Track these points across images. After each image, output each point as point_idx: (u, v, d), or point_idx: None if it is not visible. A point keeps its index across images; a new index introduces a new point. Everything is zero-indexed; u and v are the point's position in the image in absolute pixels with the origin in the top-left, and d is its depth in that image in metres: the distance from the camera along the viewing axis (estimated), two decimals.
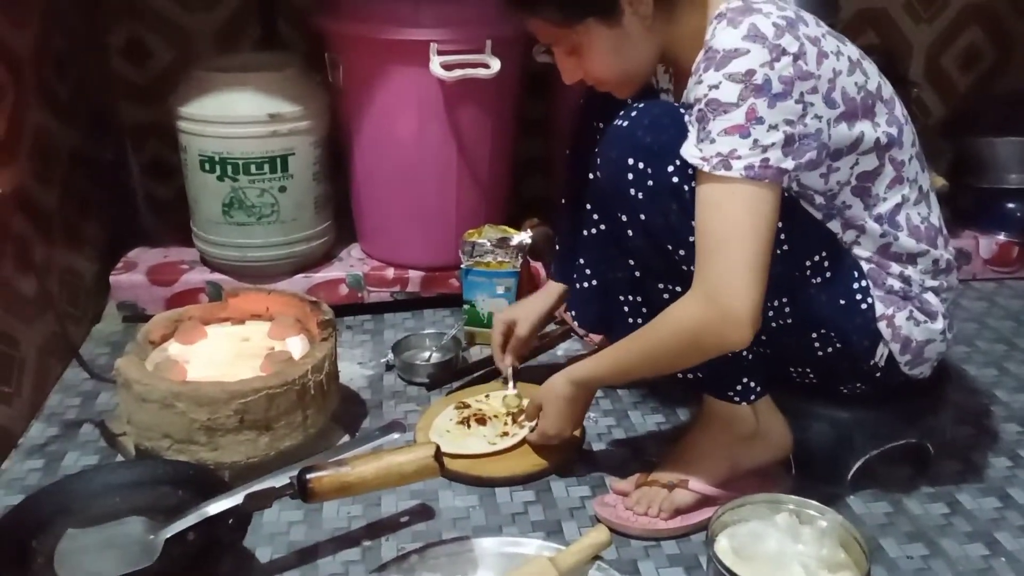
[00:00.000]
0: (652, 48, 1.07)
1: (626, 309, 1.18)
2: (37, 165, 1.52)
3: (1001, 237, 1.91)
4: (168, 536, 1.01)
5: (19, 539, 1.01)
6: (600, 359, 1.14)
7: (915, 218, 1.10)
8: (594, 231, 1.22)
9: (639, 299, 1.16)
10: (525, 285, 1.63)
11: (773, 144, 0.95)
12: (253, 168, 1.61)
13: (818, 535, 1.03)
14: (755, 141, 0.94)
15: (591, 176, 1.14)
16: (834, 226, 1.08)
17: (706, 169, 0.96)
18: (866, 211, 1.08)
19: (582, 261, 1.27)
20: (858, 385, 1.17)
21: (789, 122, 0.95)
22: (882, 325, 1.10)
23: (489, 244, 1.61)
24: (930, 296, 1.12)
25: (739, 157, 0.94)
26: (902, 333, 1.10)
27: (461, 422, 1.25)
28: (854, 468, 1.21)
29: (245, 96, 1.59)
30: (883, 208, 1.08)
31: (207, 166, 1.62)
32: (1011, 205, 1.92)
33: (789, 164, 0.96)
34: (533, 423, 1.26)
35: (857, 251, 1.09)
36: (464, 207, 1.71)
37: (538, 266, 1.72)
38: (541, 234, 1.69)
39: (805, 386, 1.20)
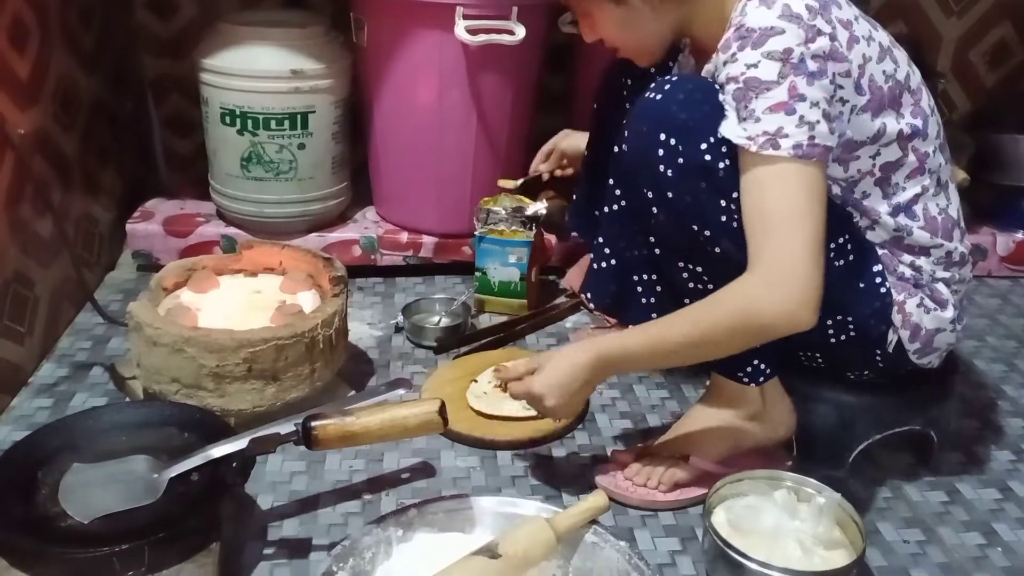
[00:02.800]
0: (664, 24, 1.06)
1: (640, 289, 1.17)
2: (59, 111, 1.53)
3: (1019, 235, 1.90)
4: (172, 475, 1.02)
5: (25, 470, 1.02)
6: (634, 337, 1.04)
7: (932, 209, 1.10)
8: (615, 207, 1.18)
9: (654, 278, 1.16)
10: (537, 256, 1.63)
11: (817, 121, 0.94)
12: (273, 123, 1.62)
13: (815, 512, 1.04)
14: (801, 118, 0.93)
15: (616, 150, 1.11)
16: (851, 212, 1.07)
17: (753, 149, 0.94)
18: (884, 200, 1.07)
19: (600, 240, 1.23)
20: (865, 372, 1.17)
21: (827, 100, 0.95)
22: (893, 311, 1.09)
23: (504, 213, 1.61)
24: (940, 286, 1.12)
25: (787, 135, 0.93)
26: (912, 320, 1.10)
27: (499, 386, 1.18)
28: (856, 452, 1.21)
29: (269, 51, 1.59)
30: (902, 198, 1.07)
31: (228, 119, 1.63)
32: None
33: (832, 142, 0.96)
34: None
35: (871, 236, 1.09)
36: (481, 175, 1.71)
37: (551, 238, 1.72)
38: (556, 207, 1.69)
39: (811, 369, 1.19)
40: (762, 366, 1.12)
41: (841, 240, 1.06)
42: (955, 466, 1.26)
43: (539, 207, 1.62)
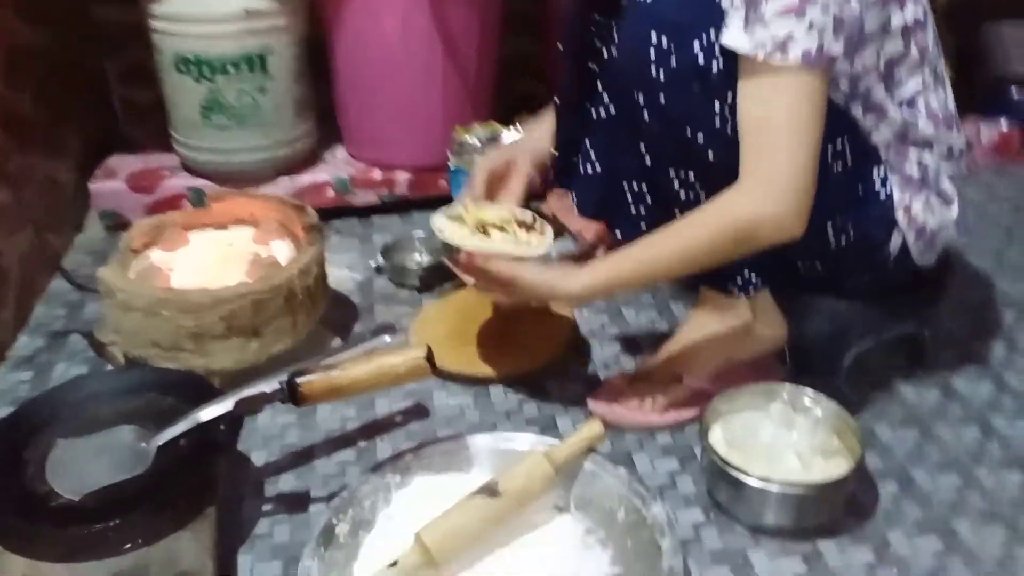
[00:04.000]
0: None
1: (629, 198, 1.13)
2: (7, 70, 1.46)
3: (1003, 125, 1.87)
4: (160, 443, 1.00)
5: (10, 449, 1.00)
6: (622, 261, 1.00)
7: (933, 103, 1.07)
8: (603, 115, 1.12)
9: (644, 187, 1.12)
10: None
11: (825, 27, 0.90)
12: (230, 68, 1.55)
13: (812, 423, 1.03)
14: (810, 24, 0.89)
15: (605, 53, 1.06)
16: (855, 111, 1.03)
17: (760, 57, 0.90)
18: (888, 95, 1.03)
19: (588, 143, 1.18)
20: (865, 278, 1.15)
21: (838, 4, 0.91)
22: (899, 214, 1.07)
23: (478, 142, 1.56)
24: (946, 182, 1.09)
25: (795, 41, 0.89)
26: (918, 221, 1.08)
27: (478, 229, 1.08)
28: (850, 359, 1.20)
29: None
30: (904, 93, 1.04)
31: (183, 67, 1.56)
32: (1014, 92, 1.87)
33: (838, 50, 0.92)
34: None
35: (875, 137, 1.05)
36: (451, 106, 1.65)
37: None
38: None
39: (808, 281, 1.17)
40: (752, 276, 1.10)
41: (840, 143, 1.03)
42: (949, 363, 1.25)
43: (515, 134, 1.57)
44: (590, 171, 1.18)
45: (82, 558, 0.89)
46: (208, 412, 1.00)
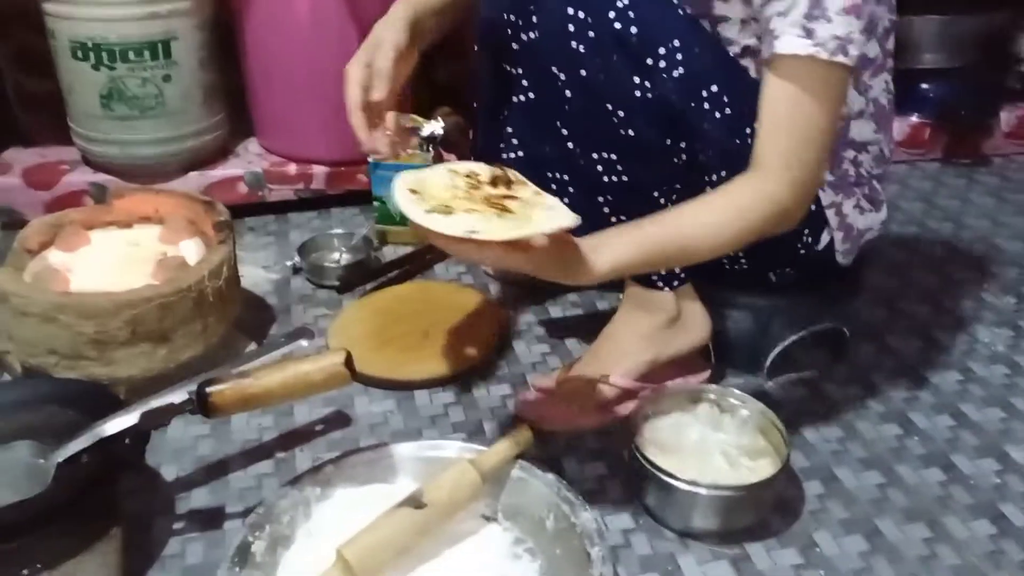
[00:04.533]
0: None
1: (553, 187, 1.11)
2: None
3: (914, 119, 1.92)
4: (60, 460, 0.93)
5: None
6: (644, 243, 0.89)
7: (883, 99, 1.08)
8: (523, 98, 1.09)
9: (567, 177, 1.10)
10: None
11: (865, 29, 0.89)
12: (132, 55, 1.47)
13: (739, 423, 1.03)
14: (864, 25, 0.88)
15: (523, 37, 1.03)
16: None
17: (823, 57, 0.87)
18: (855, 97, 1.04)
19: (509, 130, 1.14)
20: (788, 270, 1.15)
21: (872, 6, 0.91)
22: (831, 212, 1.08)
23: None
24: (876, 184, 1.11)
25: (852, 42, 0.87)
26: (847, 221, 1.09)
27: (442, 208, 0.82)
28: (772, 355, 1.21)
29: None
30: (869, 95, 1.05)
31: (80, 54, 1.47)
32: (925, 86, 1.91)
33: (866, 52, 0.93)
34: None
35: None
36: None
37: (451, 158, 1.64)
38: (453, 124, 1.60)
39: (730, 273, 1.17)
40: (677, 270, 1.09)
41: None
42: (869, 358, 1.27)
43: (435, 126, 1.53)
44: (512, 157, 1.15)
45: None
46: (112, 425, 0.94)
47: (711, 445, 1.02)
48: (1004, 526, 0.99)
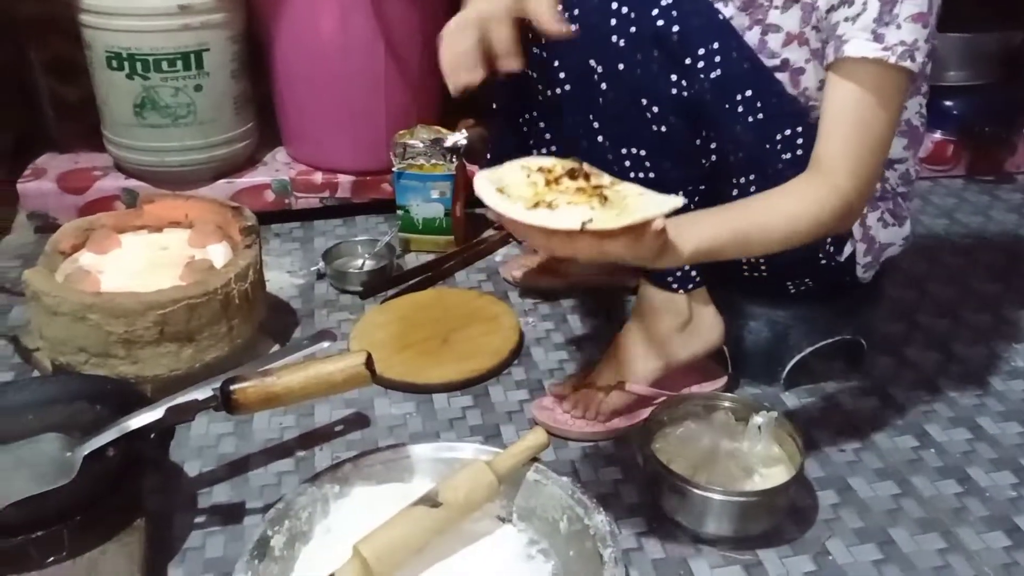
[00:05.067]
0: None
1: None
2: None
3: (937, 135, 1.91)
4: (86, 453, 0.95)
5: None
6: (721, 230, 0.88)
7: (916, 120, 1.09)
8: (559, 91, 1.08)
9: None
10: (461, 188, 1.58)
11: (928, 39, 0.91)
12: (165, 65, 1.51)
13: (753, 432, 1.04)
14: (927, 35, 0.90)
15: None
16: None
17: (891, 61, 0.89)
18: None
19: (542, 125, 1.16)
20: (807, 281, 1.16)
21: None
22: (855, 224, 1.09)
23: (422, 145, 1.54)
24: (901, 200, 1.12)
25: (918, 49, 0.90)
26: (870, 233, 1.10)
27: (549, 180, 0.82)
28: (790, 365, 1.21)
29: None
30: (904, 114, 1.06)
31: (115, 63, 1.51)
32: (948, 103, 1.91)
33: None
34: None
35: None
36: (394, 106, 1.63)
37: (474, 168, 1.67)
38: (476, 135, 1.63)
39: (748, 283, 1.18)
40: (692, 272, 1.11)
41: (793, 131, 1.03)
42: (886, 370, 1.27)
43: (458, 137, 1.56)
44: (544, 152, 1.15)
45: (3, 572, 0.85)
46: (138, 420, 0.97)
47: (725, 452, 1.03)
48: (1019, 538, 0.99)
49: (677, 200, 0.79)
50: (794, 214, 0.92)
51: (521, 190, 0.80)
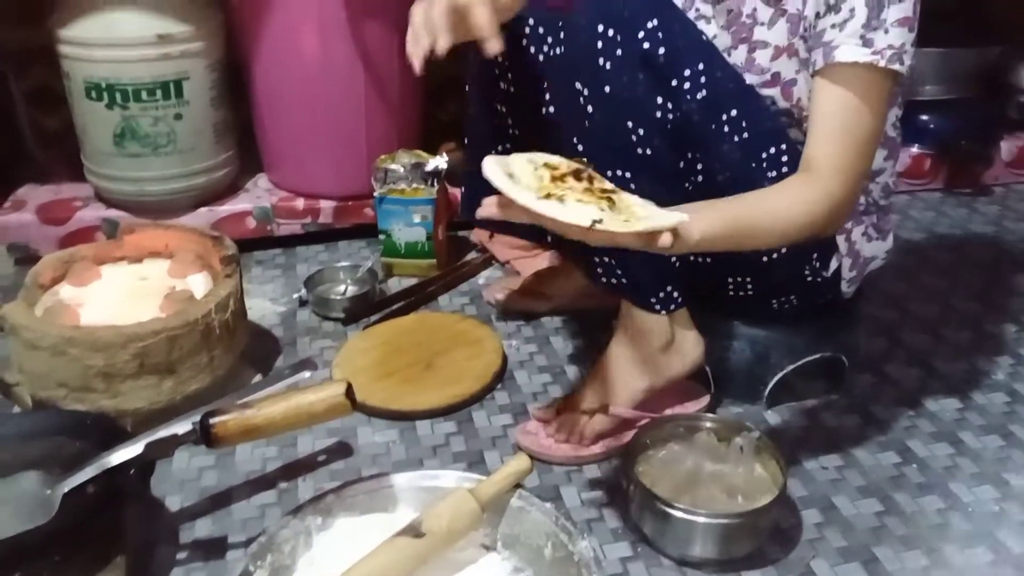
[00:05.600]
0: None
1: None
2: None
3: (915, 149, 1.93)
4: (66, 490, 0.95)
5: None
6: (726, 218, 0.90)
7: (891, 132, 1.11)
8: (543, 112, 1.08)
9: None
10: (442, 212, 1.58)
11: (913, 43, 0.94)
12: (144, 95, 1.51)
13: (736, 452, 1.04)
14: (913, 39, 0.93)
15: (549, 52, 1.03)
16: None
17: (881, 64, 0.92)
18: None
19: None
20: (792, 298, 1.17)
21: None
22: (840, 239, 1.10)
23: (403, 170, 1.54)
24: (884, 214, 1.13)
25: (906, 52, 0.93)
26: (855, 248, 1.11)
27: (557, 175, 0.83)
28: (771, 384, 1.22)
29: (130, 16, 1.48)
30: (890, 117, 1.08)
31: (94, 94, 1.51)
32: (924, 117, 1.93)
33: None
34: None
35: None
36: (375, 131, 1.63)
37: (456, 192, 1.67)
38: (457, 159, 1.63)
39: (733, 301, 1.18)
40: (674, 294, 1.11)
41: (778, 150, 1.04)
42: (867, 388, 1.28)
43: (439, 161, 1.57)
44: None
45: None
46: (117, 456, 0.96)
47: (708, 474, 1.03)
48: (1003, 553, 0.99)
49: (683, 216, 0.81)
50: (789, 212, 0.95)
51: (529, 180, 0.82)
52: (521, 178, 0.82)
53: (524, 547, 0.97)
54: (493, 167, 0.81)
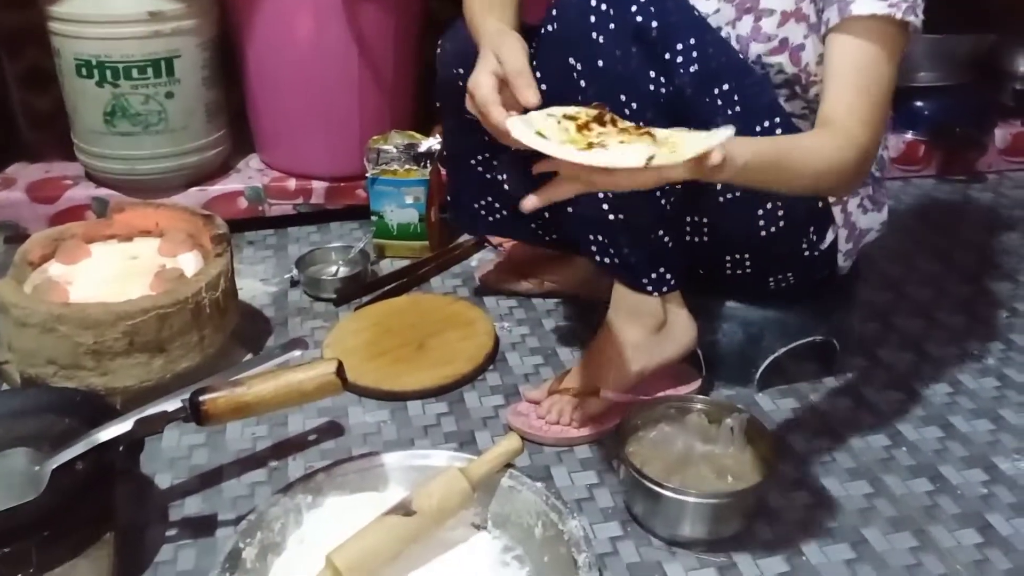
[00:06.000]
0: None
1: None
2: None
3: (909, 135, 1.93)
4: (55, 466, 0.94)
5: None
6: (761, 151, 0.87)
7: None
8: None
9: None
10: (435, 194, 1.58)
11: None
12: (135, 72, 1.49)
13: (727, 434, 1.04)
14: None
15: (542, 30, 1.03)
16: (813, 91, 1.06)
17: (898, 16, 0.93)
18: None
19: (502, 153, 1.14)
20: (788, 275, 1.17)
21: None
22: (836, 210, 1.10)
23: (396, 151, 1.54)
24: (878, 186, 1.13)
25: (918, 5, 0.94)
26: (851, 219, 1.11)
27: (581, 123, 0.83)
28: (763, 367, 1.22)
29: None
30: None
31: (84, 71, 1.50)
32: (919, 103, 1.93)
33: None
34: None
35: None
36: (368, 112, 1.63)
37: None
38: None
39: (730, 280, 1.18)
40: (667, 275, 1.11)
41: (771, 123, 1.04)
42: (860, 371, 1.28)
43: (432, 142, 1.56)
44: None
45: None
46: (107, 433, 0.96)
47: (699, 455, 1.03)
48: (990, 535, 1.00)
49: (729, 131, 0.78)
50: (822, 153, 0.93)
51: (557, 135, 0.79)
52: (549, 133, 0.79)
53: (514, 526, 0.97)
54: (521, 128, 0.79)
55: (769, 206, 1.08)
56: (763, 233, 1.10)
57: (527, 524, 0.96)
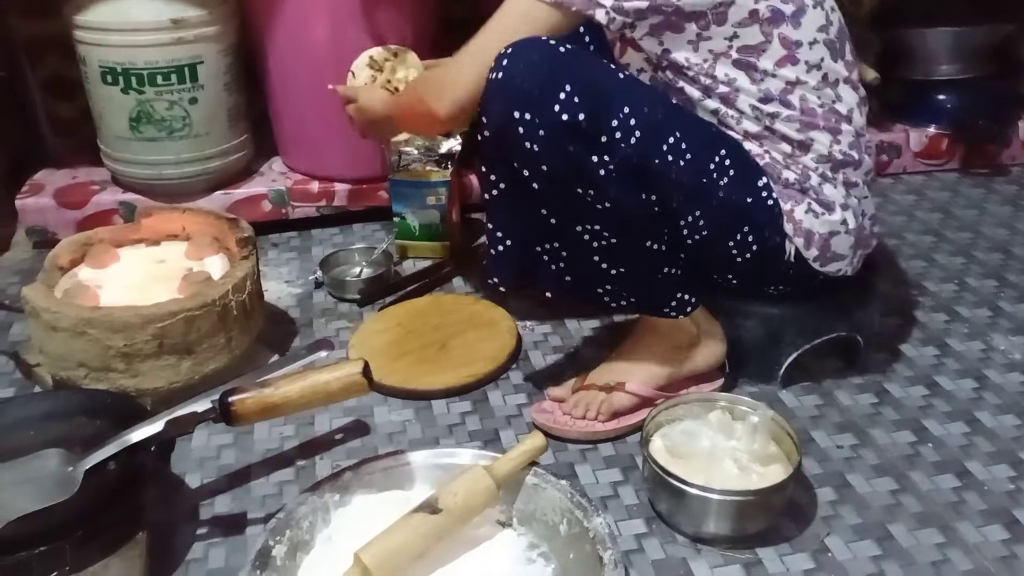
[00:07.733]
0: None
1: (546, 258, 1.11)
2: None
3: (931, 129, 1.92)
4: (87, 467, 0.96)
5: None
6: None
7: (812, 101, 1.07)
8: (495, 191, 1.07)
9: (557, 245, 1.09)
10: (456, 194, 1.59)
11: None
12: (159, 79, 1.52)
13: (750, 430, 1.04)
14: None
15: (479, 136, 1.04)
16: (714, 103, 1.06)
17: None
18: (753, 85, 1.05)
19: (491, 226, 1.11)
20: (780, 286, 1.17)
21: None
22: (784, 222, 1.09)
23: (417, 152, 1.55)
24: (827, 187, 1.10)
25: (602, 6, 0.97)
26: (803, 227, 1.09)
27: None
28: (786, 363, 1.22)
29: (145, 1, 1.48)
30: (772, 85, 1.05)
31: (109, 78, 1.52)
32: (941, 96, 1.92)
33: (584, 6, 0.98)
34: None
35: (740, 129, 1.07)
36: None
37: (471, 176, 1.67)
38: (471, 140, 1.64)
39: (732, 291, 1.19)
40: (686, 296, 1.11)
41: (718, 158, 1.05)
42: (882, 366, 1.27)
43: (453, 143, 1.57)
44: (500, 249, 1.11)
45: None
46: (138, 434, 0.97)
47: (723, 451, 1.03)
48: (1017, 531, 0.99)
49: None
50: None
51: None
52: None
53: (539, 523, 0.98)
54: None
55: (737, 235, 1.08)
56: (739, 259, 1.10)
57: (552, 521, 0.97)
